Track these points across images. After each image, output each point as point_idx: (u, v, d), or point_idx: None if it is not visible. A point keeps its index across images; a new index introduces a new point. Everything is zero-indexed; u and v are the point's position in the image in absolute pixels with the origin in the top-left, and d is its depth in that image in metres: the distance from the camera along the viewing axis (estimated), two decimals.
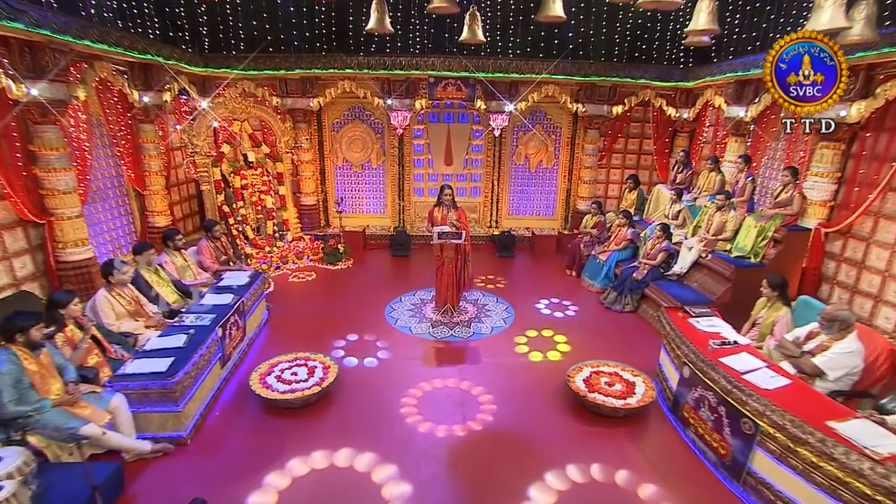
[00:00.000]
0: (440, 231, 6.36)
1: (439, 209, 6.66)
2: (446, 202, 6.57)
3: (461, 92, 9.35)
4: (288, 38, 9.08)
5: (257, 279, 6.56)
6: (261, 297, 6.65)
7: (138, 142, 7.70)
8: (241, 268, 7.02)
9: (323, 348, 5.99)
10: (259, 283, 6.58)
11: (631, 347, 6.32)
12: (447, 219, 6.55)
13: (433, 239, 6.47)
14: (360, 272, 8.88)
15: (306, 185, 10.13)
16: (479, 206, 10.61)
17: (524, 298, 7.80)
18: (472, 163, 10.42)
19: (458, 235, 6.39)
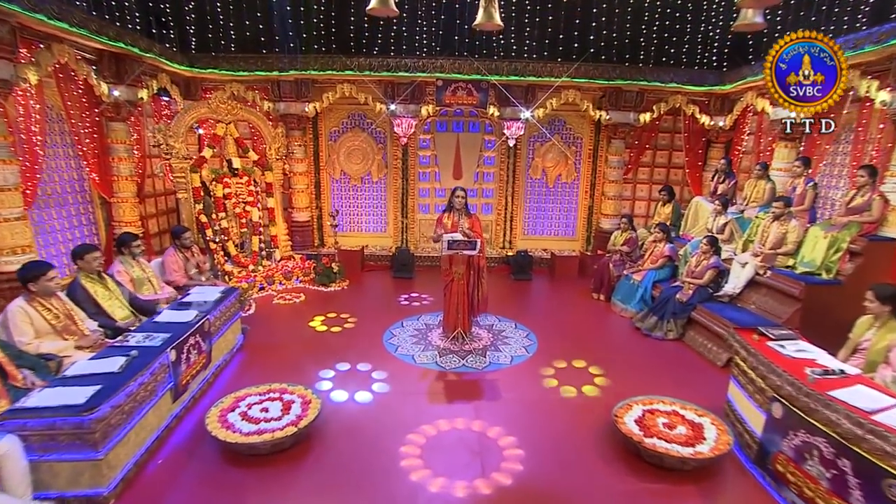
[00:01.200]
0: (451, 239, 5.40)
1: (449, 215, 5.76)
2: (458, 207, 5.64)
3: (472, 97, 8.58)
4: (283, 38, 8.39)
5: (231, 296, 5.57)
6: (234, 318, 5.64)
7: (106, 142, 6.89)
8: (214, 283, 6.02)
9: (305, 379, 4.93)
10: (232, 301, 5.59)
11: (681, 380, 5.24)
12: (458, 227, 5.61)
13: (442, 249, 5.50)
14: (356, 294, 7.90)
15: (299, 200, 9.27)
16: (491, 224, 9.71)
17: (547, 323, 6.77)
18: (484, 177, 9.59)
19: (472, 245, 5.43)
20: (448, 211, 5.76)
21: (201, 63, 8.25)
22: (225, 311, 5.38)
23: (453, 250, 5.48)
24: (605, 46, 8.67)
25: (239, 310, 5.88)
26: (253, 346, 5.89)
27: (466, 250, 5.49)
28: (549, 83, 8.45)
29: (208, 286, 5.80)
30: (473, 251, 5.50)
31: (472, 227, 5.73)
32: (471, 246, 5.46)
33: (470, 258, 5.67)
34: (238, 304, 5.81)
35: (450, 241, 5.44)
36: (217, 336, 5.17)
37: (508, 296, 7.93)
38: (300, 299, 7.50)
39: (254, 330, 6.27)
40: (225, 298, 5.44)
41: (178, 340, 4.26)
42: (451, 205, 5.73)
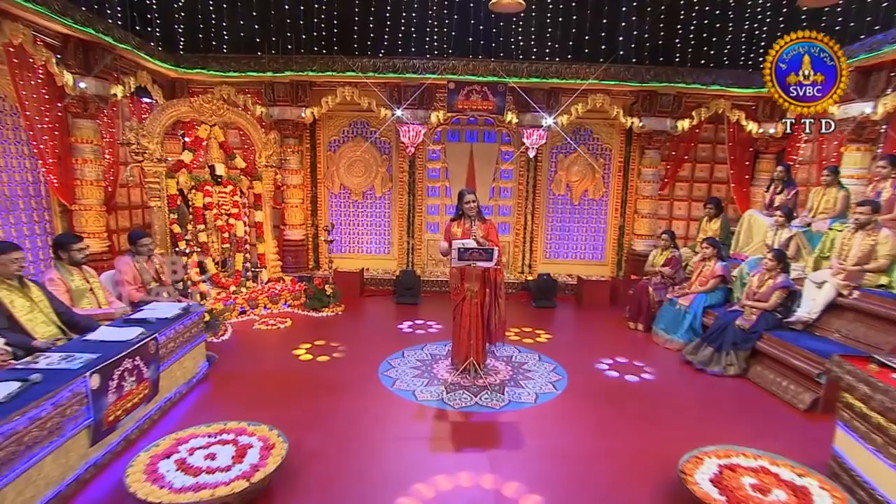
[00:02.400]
0: (462, 247, 4.54)
1: (459, 223, 4.96)
2: (469, 213, 4.81)
3: (488, 102, 7.86)
4: (281, 38, 7.83)
5: (192, 315, 4.71)
6: (196, 341, 4.77)
7: (69, 141, 6.25)
8: (178, 299, 5.17)
9: (276, 417, 3.98)
10: (194, 321, 4.73)
11: (755, 427, 4.22)
12: (471, 235, 4.77)
13: (451, 261, 4.63)
14: (352, 321, 7.02)
15: (293, 216, 8.54)
16: (508, 246, 8.84)
17: (578, 357, 5.78)
18: (501, 192, 8.82)
19: (488, 255, 4.58)
20: (458, 218, 4.96)
21: (188, 63, 7.72)
22: (182, 332, 4.50)
23: (465, 261, 4.62)
24: (637, 45, 7.96)
25: (203, 332, 4.99)
26: (220, 376, 5.00)
27: (481, 261, 4.63)
28: (574, 86, 7.76)
29: (169, 302, 4.94)
30: (489, 262, 4.64)
31: (488, 234, 4.91)
32: (486, 256, 4.60)
33: (485, 272, 4.84)
34: (201, 325, 4.92)
35: (460, 248, 4.58)
36: (169, 362, 4.28)
37: (530, 324, 6.95)
38: (285, 325, 6.63)
39: (225, 357, 5.40)
40: (184, 317, 4.57)
41: (106, 364, 3.37)
42: (460, 211, 4.92)
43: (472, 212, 4.89)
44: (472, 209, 4.89)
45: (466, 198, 4.89)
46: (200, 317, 4.89)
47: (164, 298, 5.15)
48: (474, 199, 4.91)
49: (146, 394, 3.87)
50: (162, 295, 5.22)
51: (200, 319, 4.90)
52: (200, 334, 4.91)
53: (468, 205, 4.89)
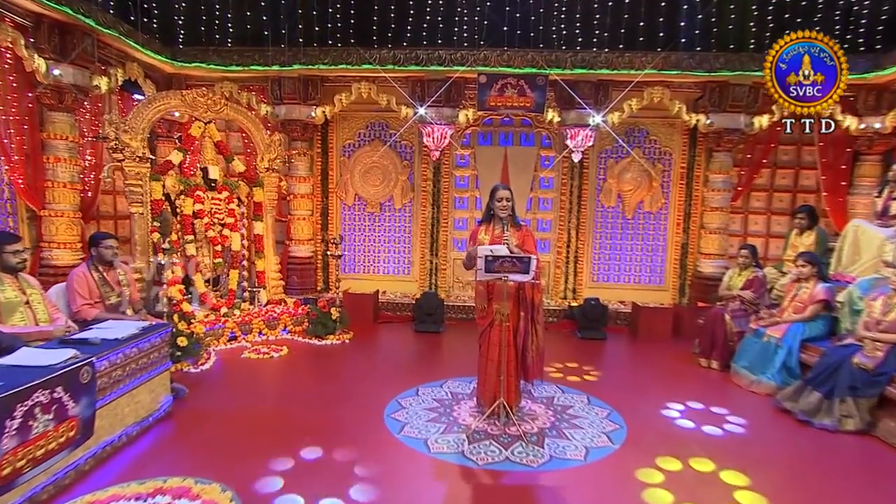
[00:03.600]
0: (489, 254, 3.77)
1: (488, 228, 4.25)
2: (501, 214, 4.12)
3: (525, 98, 7.18)
4: (289, 27, 7.34)
5: (154, 336, 4.00)
6: (156, 370, 4.07)
7: (40, 136, 5.79)
8: (145, 318, 4.48)
9: (243, 471, 3.18)
10: (156, 343, 4.02)
11: None
12: (502, 242, 4.01)
13: (477, 273, 3.88)
14: (360, 350, 6.28)
15: (300, 229, 7.96)
16: (548, 267, 8.03)
17: (638, 400, 4.85)
18: (539, 203, 8.09)
19: (523, 266, 3.82)
20: (487, 222, 4.25)
21: (186, 56, 7.32)
22: (137, 358, 3.79)
23: (494, 274, 3.84)
24: (703, 29, 7.12)
25: (169, 358, 4.27)
26: (187, 414, 4.28)
27: (514, 274, 3.86)
28: (627, 78, 7.00)
29: (131, 321, 4.25)
30: (525, 275, 3.84)
31: (523, 243, 4.16)
32: (520, 267, 3.82)
33: (520, 289, 4.08)
34: (166, 350, 4.20)
35: (488, 256, 3.80)
36: (114, 395, 3.56)
37: (575, 359, 6.03)
38: (280, 354, 5.90)
39: (198, 391, 4.71)
40: (141, 338, 3.86)
41: (4, 396, 2.64)
42: (490, 212, 4.22)
43: (505, 213, 4.14)
44: (504, 209, 4.15)
45: (499, 194, 4.16)
46: (165, 339, 4.18)
47: (125, 316, 4.47)
48: (509, 196, 4.17)
49: (71, 437, 3.12)
50: (124, 311, 4.55)
51: (165, 342, 4.18)
52: (164, 361, 4.19)
53: (500, 203, 4.15)
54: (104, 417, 3.45)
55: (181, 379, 4.91)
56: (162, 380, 4.16)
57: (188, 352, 5.31)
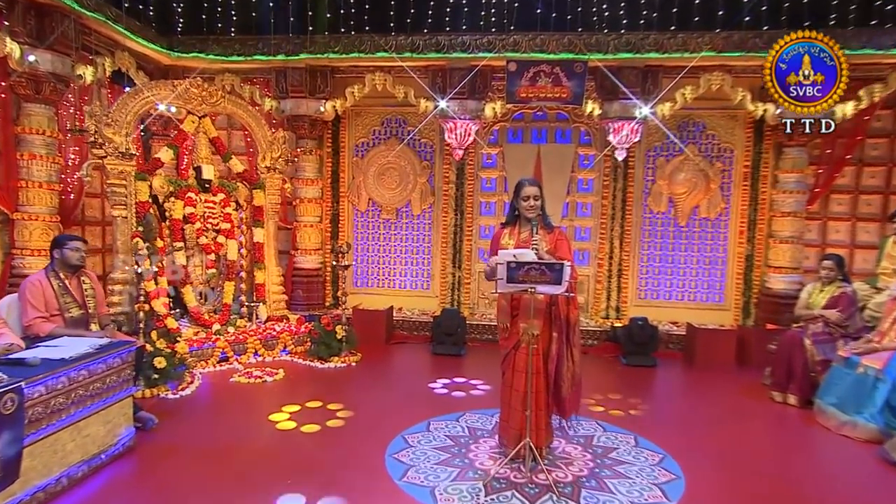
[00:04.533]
0: (512, 261, 3.33)
1: (512, 231, 3.81)
2: (529, 214, 3.67)
3: (561, 87, 6.72)
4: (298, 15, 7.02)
5: (110, 356, 3.58)
6: (113, 397, 3.64)
7: (14, 130, 5.55)
8: (113, 335, 4.04)
9: None
10: (113, 365, 3.60)
11: None
12: (529, 247, 3.53)
13: (498, 283, 3.40)
14: (367, 375, 5.81)
15: (306, 238, 7.61)
16: (587, 281, 7.53)
17: (697, 443, 4.23)
18: (577, 209, 7.61)
19: (555, 275, 3.33)
20: (512, 224, 3.81)
21: (183, 46, 7.08)
22: (87, 383, 3.37)
23: (518, 285, 3.36)
24: (771, 4, 6.46)
25: (132, 383, 3.83)
26: (153, 448, 3.86)
27: (543, 285, 3.36)
28: (680, 63, 6.47)
29: (93, 338, 3.81)
30: (557, 287, 3.33)
31: (555, 248, 3.66)
32: (551, 276, 3.34)
33: (551, 305, 3.62)
34: (127, 372, 3.76)
35: (511, 263, 3.32)
36: (51, 427, 3.11)
37: (619, 389, 5.40)
38: (275, 377, 5.46)
39: (171, 421, 4.30)
40: (94, 358, 3.43)
41: None
42: (515, 213, 3.77)
43: (533, 213, 3.66)
44: (532, 209, 3.67)
45: (525, 190, 3.69)
46: (126, 360, 3.73)
47: (88, 333, 4.04)
48: (538, 193, 3.70)
49: None
50: (88, 327, 4.13)
51: (126, 364, 3.74)
52: (125, 386, 3.75)
53: (527, 202, 3.68)
54: (37, 456, 3.01)
55: (155, 406, 4.51)
56: (122, 408, 3.71)
57: (167, 375, 4.94)
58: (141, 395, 4.64)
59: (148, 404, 4.48)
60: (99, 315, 4.31)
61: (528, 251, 3.42)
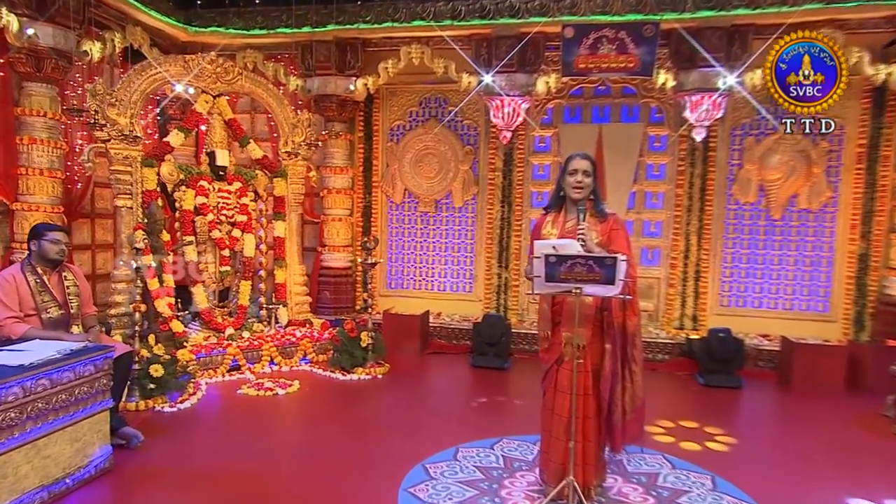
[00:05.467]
0: (551, 253, 2.91)
1: (556, 218, 3.38)
2: (576, 195, 3.22)
3: (627, 56, 6.23)
4: None
5: (81, 363, 3.35)
6: (83, 411, 3.40)
7: (13, 111, 5.50)
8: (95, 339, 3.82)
9: None
10: (83, 373, 3.37)
11: None
12: (576, 237, 3.10)
13: (533, 283, 3.02)
14: (393, 389, 5.52)
15: (335, 233, 7.45)
16: (657, 285, 7.09)
17: (798, 489, 3.66)
18: (647, 200, 7.16)
19: (607, 270, 2.86)
20: (556, 210, 3.38)
21: (203, 20, 7.04)
22: (49, 395, 3.13)
23: (559, 284, 2.93)
24: None
25: (109, 395, 3.57)
26: (132, 471, 3.64)
27: (590, 284, 2.96)
28: (775, 20, 5.88)
29: (73, 341, 3.60)
30: (609, 287, 2.89)
31: (609, 240, 3.21)
32: (601, 274, 2.95)
33: (600, 308, 3.19)
34: (104, 382, 3.51)
35: (549, 256, 2.92)
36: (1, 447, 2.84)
37: (694, 416, 4.86)
38: (289, 389, 5.22)
39: (160, 439, 4.04)
40: (61, 365, 3.19)
41: None
42: (561, 194, 3.33)
43: (581, 193, 3.21)
44: (580, 189, 3.21)
45: (573, 164, 3.25)
46: (102, 368, 3.48)
47: (68, 335, 3.83)
48: (588, 169, 3.25)
49: None
50: (69, 332, 3.92)
51: (102, 372, 3.49)
52: (101, 398, 3.50)
53: (573, 177, 3.22)
54: None
55: (147, 421, 4.34)
56: (95, 424, 3.45)
57: (166, 385, 4.73)
58: (134, 408, 4.46)
59: (139, 418, 4.31)
60: (83, 316, 4.10)
61: (571, 242, 2.97)
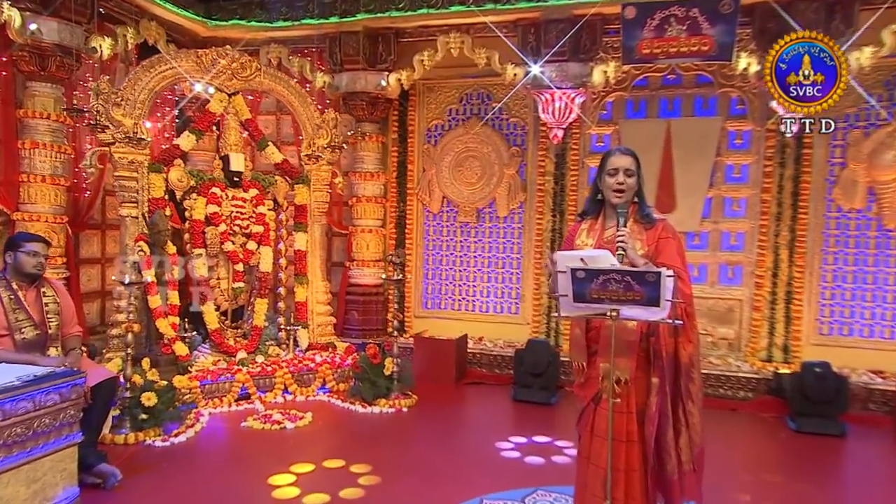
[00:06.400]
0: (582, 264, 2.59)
1: (594, 225, 3.09)
2: (615, 199, 2.95)
3: (700, 38, 6.00)
4: None
5: (40, 391, 3.20)
6: (44, 447, 3.26)
7: (15, 113, 5.61)
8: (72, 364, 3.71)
9: None
10: (44, 402, 3.23)
11: None
12: (613, 247, 2.81)
13: (559, 304, 2.70)
14: (418, 425, 5.32)
15: (364, 246, 7.34)
16: (738, 308, 6.64)
17: None
18: (726, 207, 6.77)
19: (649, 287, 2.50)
20: (594, 216, 3.11)
21: (223, 13, 7.18)
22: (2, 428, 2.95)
23: (591, 304, 2.59)
24: None
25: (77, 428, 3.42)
26: None
27: (629, 305, 2.55)
28: None
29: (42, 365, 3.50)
30: (653, 311, 2.51)
31: (657, 250, 2.90)
32: (642, 293, 2.60)
33: (645, 336, 2.84)
34: (71, 412, 3.36)
35: (576, 271, 2.67)
36: None
37: (780, 468, 4.45)
38: (299, 422, 5.08)
39: (147, 477, 3.93)
40: (18, 394, 3.05)
41: None
42: (598, 196, 3.08)
43: (622, 196, 2.90)
44: (622, 191, 2.90)
45: (612, 161, 2.94)
46: (69, 398, 3.33)
47: (42, 359, 3.74)
48: (631, 167, 2.93)
49: None
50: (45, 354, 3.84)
51: (68, 402, 3.34)
52: (67, 432, 3.35)
53: (614, 177, 2.91)
54: None
55: (136, 455, 4.26)
56: (59, 462, 3.29)
57: (159, 415, 4.60)
58: (123, 441, 4.35)
59: (125, 453, 4.20)
60: (63, 336, 4.03)
61: (604, 253, 2.61)
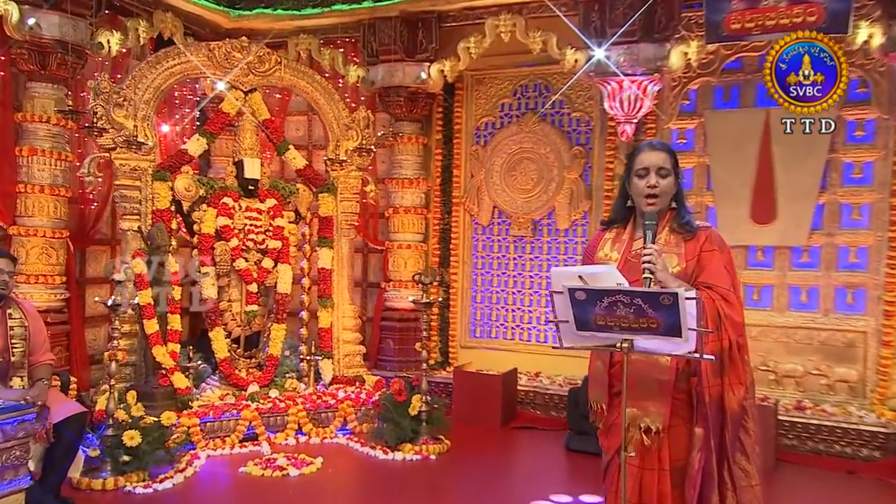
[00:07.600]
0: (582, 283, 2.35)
1: (619, 234, 2.96)
2: (647, 207, 2.84)
3: (805, 6, 5.96)
4: None
5: None
6: None
7: (12, 117, 5.74)
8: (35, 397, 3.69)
9: None
10: None
11: None
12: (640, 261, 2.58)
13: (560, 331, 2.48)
14: (444, 478, 5.20)
15: (401, 264, 7.30)
16: (861, 342, 6.18)
17: None
18: (842, 215, 6.41)
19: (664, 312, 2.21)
20: (621, 224, 2.99)
21: (246, 2, 7.31)
22: None
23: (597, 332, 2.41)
24: None
25: (26, 471, 3.37)
26: None
27: (643, 333, 2.35)
28: None
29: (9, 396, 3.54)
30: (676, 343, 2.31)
31: (700, 266, 2.73)
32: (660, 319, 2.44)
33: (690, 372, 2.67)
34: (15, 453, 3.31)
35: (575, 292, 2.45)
36: None
37: None
38: (305, 469, 4.98)
39: None
40: None
41: None
42: (627, 203, 2.95)
43: (656, 205, 2.74)
44: (654, 195, 2.74)
45: (641, 159, 2.77)
46: (13, 435, 3.29)
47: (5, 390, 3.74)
48: (664, 164, 2.77)
49: None
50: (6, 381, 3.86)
51: (15, 441, 3.31)
52: (11, 477, 3.32)
53: (643, 179, 2.74)
54: None
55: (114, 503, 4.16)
56: None
57: (146, 458, 4.52)
58: (101, 487, 4.28)
59: (100, 501, 4.13)
60: (31, 365, 4.03)
61: (606, 268, 2.35)
